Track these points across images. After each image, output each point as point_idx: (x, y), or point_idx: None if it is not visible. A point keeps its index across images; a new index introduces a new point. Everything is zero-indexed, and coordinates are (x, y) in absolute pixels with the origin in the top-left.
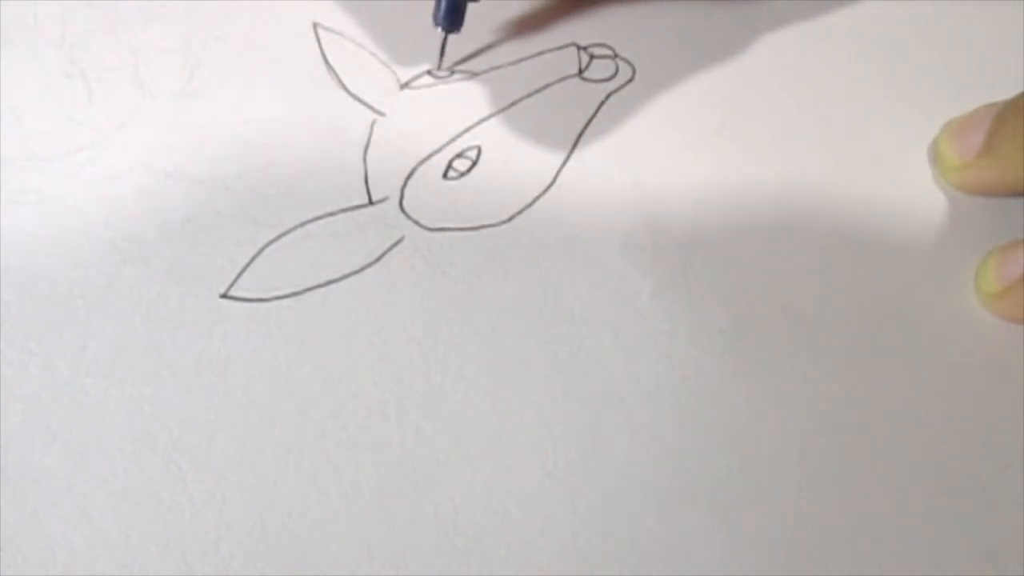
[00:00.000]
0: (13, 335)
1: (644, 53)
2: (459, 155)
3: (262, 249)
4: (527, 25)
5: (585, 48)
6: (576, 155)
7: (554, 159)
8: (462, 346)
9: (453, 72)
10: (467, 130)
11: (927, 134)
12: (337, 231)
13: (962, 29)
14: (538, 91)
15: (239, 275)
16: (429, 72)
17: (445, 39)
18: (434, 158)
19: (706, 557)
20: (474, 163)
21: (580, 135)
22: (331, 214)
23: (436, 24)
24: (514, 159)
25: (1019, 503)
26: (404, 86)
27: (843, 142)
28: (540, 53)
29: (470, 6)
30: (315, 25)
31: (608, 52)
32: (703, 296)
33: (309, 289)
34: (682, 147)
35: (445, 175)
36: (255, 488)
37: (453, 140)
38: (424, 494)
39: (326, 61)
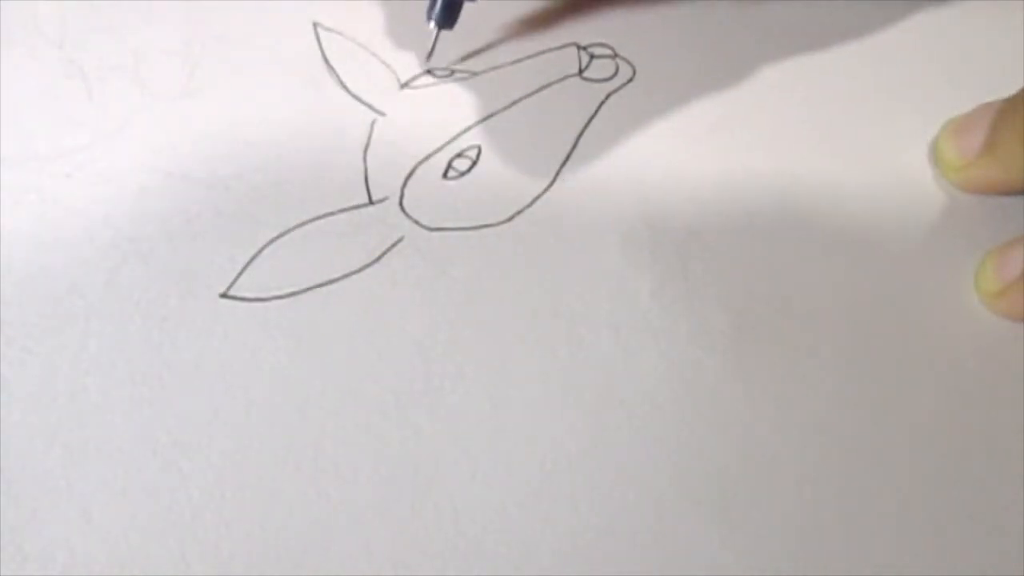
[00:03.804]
0: (13, 335)
1: (644, 53)
2: (459, 155)
3: (262, 249)
4: (527, 25)
5: (585, 48)
6: (576, 155)
7: (554, 159)
8: (462, 346)
9: (453, 72)
10: (467, 130)
11: (927, 134)
12: (337, 231)
13: (962, 29)
14: (538, 91)
15: (239, 275)
16: (429, 72)
17: (437, 35)
18: (434, 158)
19: (706, 557)
20: (474, 163)
21: (580, 135)
22: (331, 214)
23: (429, 19)
24: (514, 159)
25: (1019, 503)
26: (404, 86)
27: (843, 142)
28: (540, 53)
29: (467, 5)
30: (315, 25)
31: (608, 52)
32: (703, 296)
33: (309, 289)
34: (682, 147)
35: (445, 175)
36: (255, 488)
37: (453, 140)
38: (424, 494)
39: (326, 61)
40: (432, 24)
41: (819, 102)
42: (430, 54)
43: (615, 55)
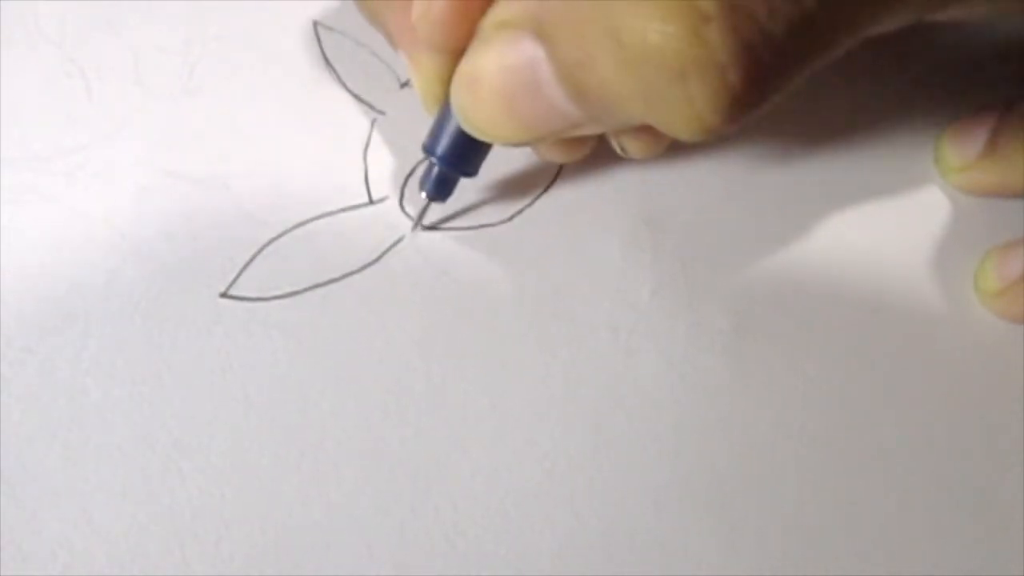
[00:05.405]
0: (13, 335)
1: None
2: None
3: (262, 248)
4: None
5: None
6: None
7: None
8: (462, 346)
9: None
10: None
11: (929, 135)
12: (337, 230)
13: (964, 32)
14: None
15: (239, 274)
16: None
17: (427, 206)
18: None
19: (705, 557)
20: None
21: None
22: (331, 213)
23: (421, 190)
24: (514, 159)
25: (1019, 503)
26: (404, 85)
27: (844, 142)
28: None
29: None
30: (315, 24)
31: None
32: (703, 296)
33: (309, 288)
34: (682, 147)
35: None
36: (255, 488)
37: None
38: (424, 494)
39: (326, 61)
40: (424, 195)
41: (820, 102)
42: (417, 223)
43: None
